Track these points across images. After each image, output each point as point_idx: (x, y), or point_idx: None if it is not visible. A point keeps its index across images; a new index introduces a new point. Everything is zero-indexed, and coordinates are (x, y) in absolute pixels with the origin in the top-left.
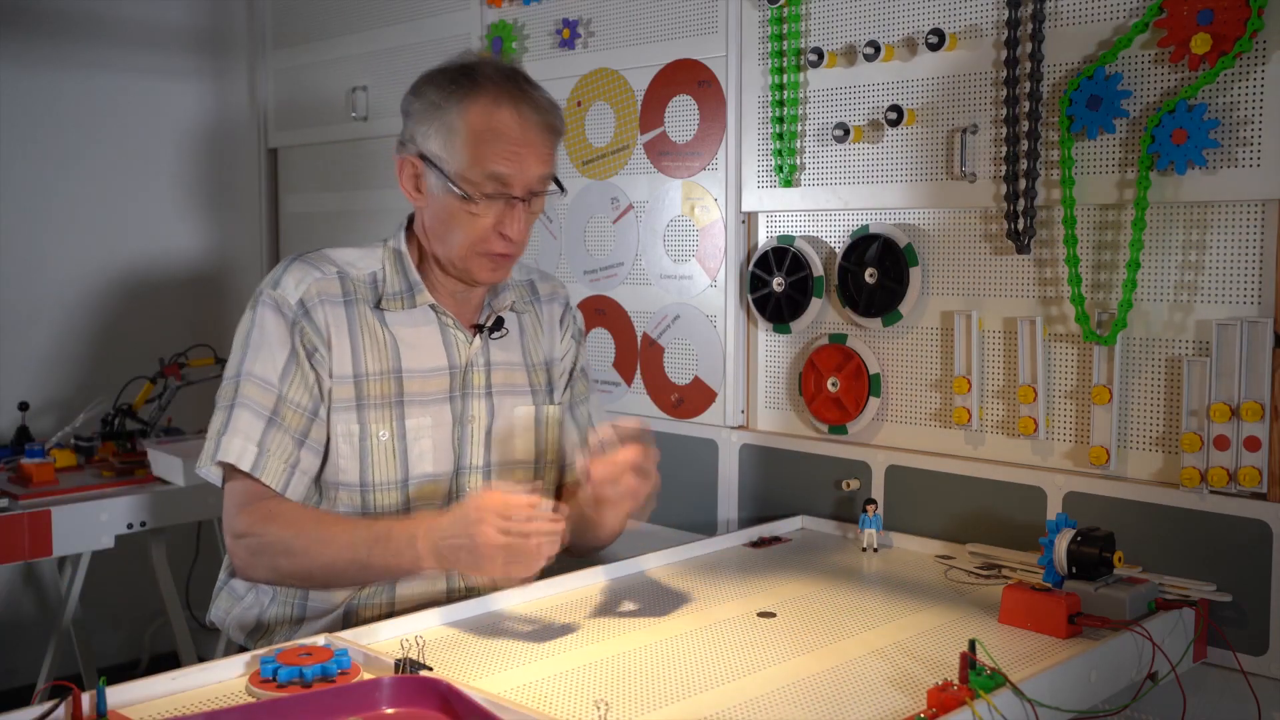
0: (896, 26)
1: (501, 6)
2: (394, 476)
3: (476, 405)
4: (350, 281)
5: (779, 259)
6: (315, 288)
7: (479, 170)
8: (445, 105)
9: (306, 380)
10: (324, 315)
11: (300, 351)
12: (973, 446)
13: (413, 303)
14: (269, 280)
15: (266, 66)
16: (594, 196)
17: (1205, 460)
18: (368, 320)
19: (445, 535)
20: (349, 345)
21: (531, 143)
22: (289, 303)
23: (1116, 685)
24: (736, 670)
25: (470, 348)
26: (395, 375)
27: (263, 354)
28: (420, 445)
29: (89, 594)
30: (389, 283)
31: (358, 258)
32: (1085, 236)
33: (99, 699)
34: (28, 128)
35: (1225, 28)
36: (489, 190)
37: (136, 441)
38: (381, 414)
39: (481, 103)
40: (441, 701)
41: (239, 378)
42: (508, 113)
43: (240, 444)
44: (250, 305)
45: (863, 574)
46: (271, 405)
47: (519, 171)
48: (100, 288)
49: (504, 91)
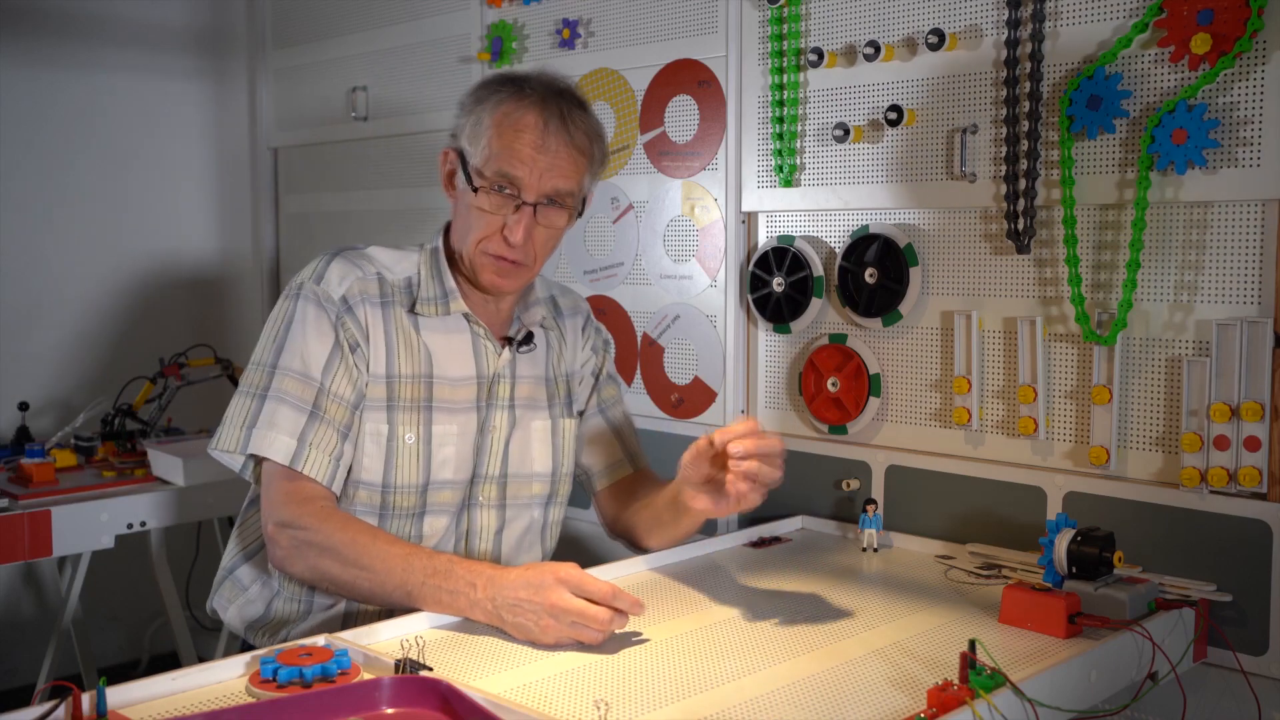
0: (896, 26)
1: (501, 6)
2: (415, 480)
3: (499, 416)
4: (387, 284)
5: (779, 259)
6: (358, 286)
7: (493, 166)
8: (486, 101)
9: (350, 373)
10: (364, 313)
11: (344, 345)
12: (973, 446)
13: (447, 309)
14: (311, 273)
15: (266, 66)
16: (594, 196)
17: (1205, 460)
18: (402, 323)
19: (511, 589)
20: (384, 346)
21: (551, 151)
22: (332, 298)
23: (1116, 685)
24: (736, 670)
25: (500, 359)
26: (426, 380)
27: (303, 346)
28: (444, 451)
29: (89, 594)
30: (424, 287)
31: (394, 261)
32: (1085, 236)
33: (99, 699)
34: (28, 128)
35: (1225, 28)
36: (502, 186)
37: (136, 441)
38: (410, 417)
39: (514, 104)
40: (441, 701)
41: (275, 369)
42: (534, 117)
43: (275, 437)
44: (288, 296)
45: (863, 574)
46: (312, 399)
47: (530, 176)
48: (100, 287)
49: (542, 100)
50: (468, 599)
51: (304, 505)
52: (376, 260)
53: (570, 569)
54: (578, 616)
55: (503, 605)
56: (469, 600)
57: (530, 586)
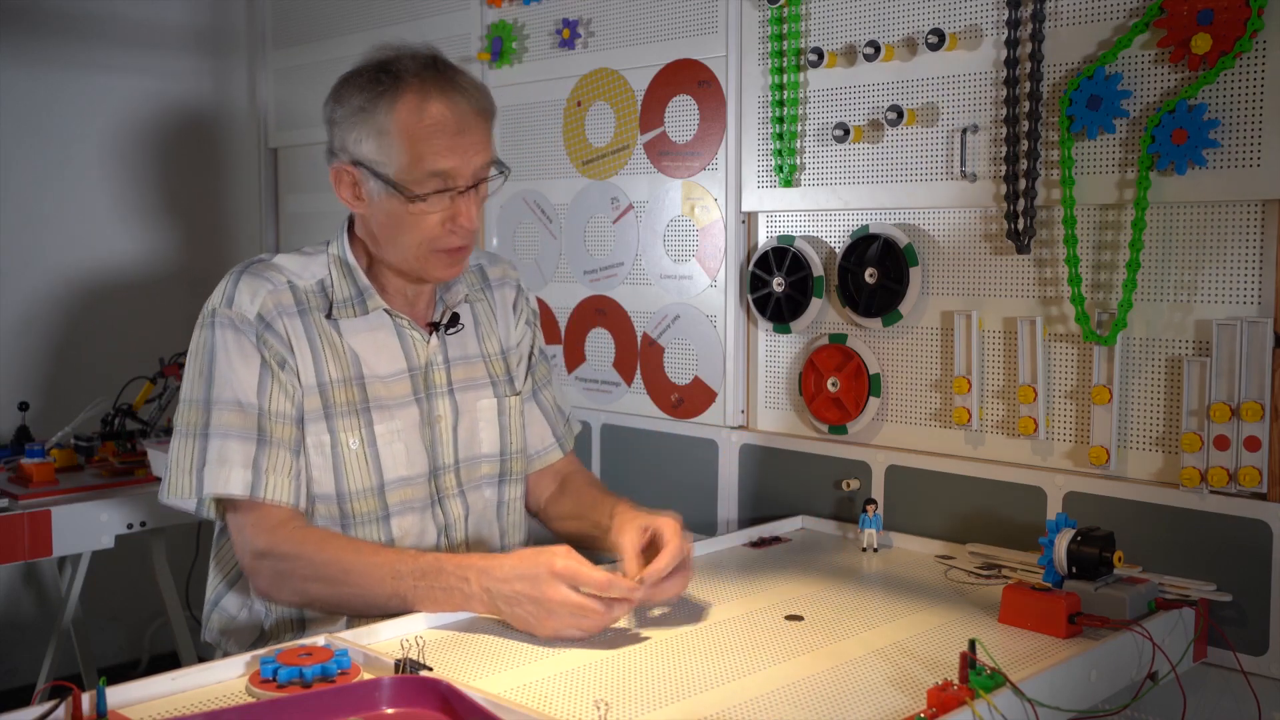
0: (896, 26)
1: (501, 6)
2: (369, 483)
3: (442, 404)
4: (300, 291)
5: (779, 259)
6: (270, 300)
7: (420, 170)
8: (371, 108)
9: (286, 389)
10: (283, 326)
11: (271, 363)
12: (973, 446)
13: (365, 309)
14: (220, 298)
15: (266, 66)
16: (594, 196)
17: (1205, 460)
18: (324, 329)
19: (506, 581)
20: (310, 354)
21: (468, 130)
22: (247, 318)
23: (1116, 685)
24: (736, 670)
25: (428, 347)
26: (358, 382)
27: (230, 375)
28: (393, 450)
29: (89, 594)
30: (337, 289)
31: (301, 267)
32: (1085, 236)
33: (99, 699)
34: (28, 128)
35: (1225, 28)
36: (433, 187)
37: (136, 441)
38: (349, 422)
39: (409, 99)
40: (441, 701)
41: (209, 404)
42: (438, 105)
43: (228, 473)
44: (202, 325)
45: (863, 574)
46: (255, 425)
47: (462, 164)
48: (101, 287)
49: (429, 83)
50: (462, 594)
51: (276, 532)
52: (284, 269)
53: (565, 559)
54: (576, 609)
55: (499, 597)
56: (464, 594)
57: (526, 579)
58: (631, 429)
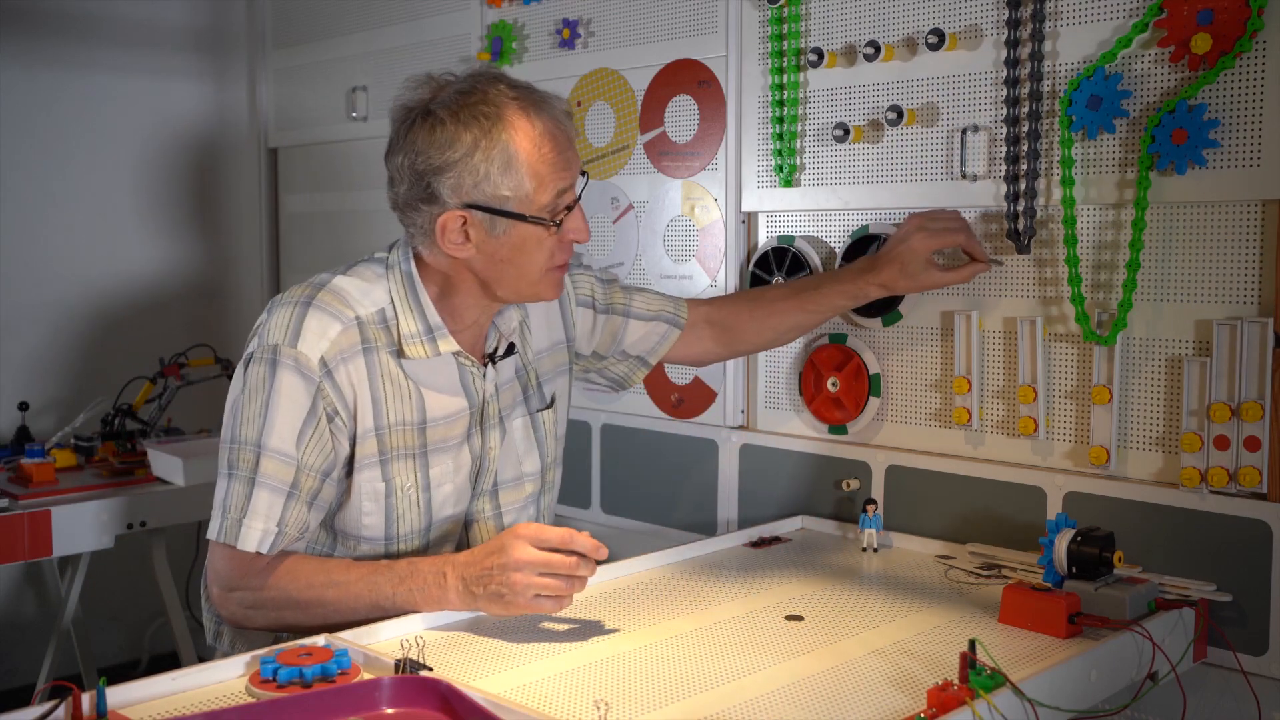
0: (896, 26)
1: (501, 6)
2: (418, 525)
3: (494, 436)
4: (367, 328)
5: (779, 259)
6: (339, 342)
7: (549, 191)
8: (486, 144)
9: (321, 442)
10: (346, 374)
11: (322, 415)
12: (973, 446)
13: (435, 349)
14: (284, 334)
15: (266, 66)
16: (594, 196)
17: (1205, 460)
18: (389, 370)
19: (475, 562)
20: (370, 399)
21: (571, 140)
22: (311, 364)
23: (1116, 685)
24: (736, 670)
25: (487, 383)
26: (418, 427)
27: (285, 425)
28: (443, 491)
29: (89, 594)
30: (403, 323)
31: (363, 293)
32: (1085, 236)
33: (99, 699)
34: (28, 128)
35: (1225, 28)
36: (564, 204)
37: (136, 441)
38: (405, 465)
39: (521, 126)
40: (441, 701)
41: (260, 449)
42: (545, 124)
43: (261, 527)
44: (262, 360)
45: (863, 574)
46: (291, 478)
47: (574, 171)
48: (100, 287)
49: (526, 104)
50: (440, 589)
51: (248, 566)
52: (348, 298)
53: (524, 525)
54: (543, 565)
55: (472, 581)
56: (441, 590)
57: (491, 552)
58: (632, 429)
